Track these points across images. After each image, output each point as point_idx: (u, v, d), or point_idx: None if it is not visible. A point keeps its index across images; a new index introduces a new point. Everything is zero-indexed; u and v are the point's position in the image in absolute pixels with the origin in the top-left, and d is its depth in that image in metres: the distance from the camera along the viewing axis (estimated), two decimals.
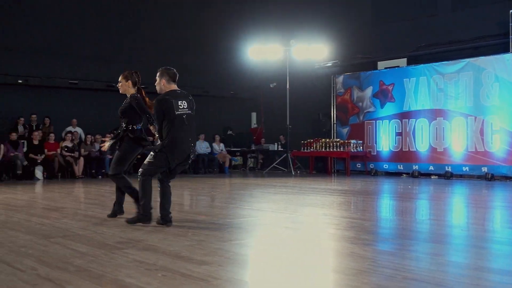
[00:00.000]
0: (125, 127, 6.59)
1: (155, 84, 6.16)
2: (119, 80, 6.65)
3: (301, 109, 18.63)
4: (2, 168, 14.49)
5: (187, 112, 6.05)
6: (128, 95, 6.64)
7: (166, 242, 5.01)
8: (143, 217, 6.08)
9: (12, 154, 14.55)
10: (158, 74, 6.17)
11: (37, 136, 15.27)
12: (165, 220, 6.02)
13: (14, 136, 14.93)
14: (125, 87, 6.64)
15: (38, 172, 14.99)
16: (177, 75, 6.18)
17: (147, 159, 6.10)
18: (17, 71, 16.95)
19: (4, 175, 14.52)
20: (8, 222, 6.44)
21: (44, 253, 4.53)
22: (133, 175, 9.33)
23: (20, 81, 17.09)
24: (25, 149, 15.20)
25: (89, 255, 4.44)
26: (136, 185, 6.33)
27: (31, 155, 14.92)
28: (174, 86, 6.12)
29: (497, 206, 8.89)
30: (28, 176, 14.76)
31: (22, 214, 7.27)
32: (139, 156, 7.03)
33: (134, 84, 6.64)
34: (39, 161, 14.98)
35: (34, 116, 16.33)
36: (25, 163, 14.66)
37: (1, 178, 14.35)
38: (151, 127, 6.62)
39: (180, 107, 5.99)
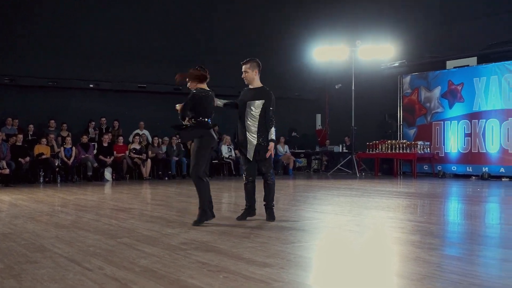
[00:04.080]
0: None
1: (245, 73, 6.44)
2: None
3: (367, 110, 18.38)
4: (73, 170, 15.00)
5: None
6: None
7: (229, 243, 5.05)
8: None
9: (83, 156, 15.07)
10: (248, 65, 6.42)
11: (106, 138, 15.72)
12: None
13: (85, 138, 15.47)
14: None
15: (107, 174, 15.44)
16: None
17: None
18: (89, 76, 17.54)
19: (75, 176, 15.02)
20: (78, 222, 6.65)
21: (111, 253, 4.65)
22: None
23: (91, 86, 17.69)
24: (95, 151, 15.69)
25: (154, 255, 4.53)
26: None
27: (101, 157, 15.38)
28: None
29: None
30: (98, 178, 15.24)
31: (91, 214, 7.50)
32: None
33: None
34: (108, 163, 15.42)
35: (103, 119, 16.84)
36: (95, 165, 15.13)
37: (73, 180, 14.86)
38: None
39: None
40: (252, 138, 6.46)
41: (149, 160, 15.95)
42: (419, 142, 16.34)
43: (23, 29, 16.77)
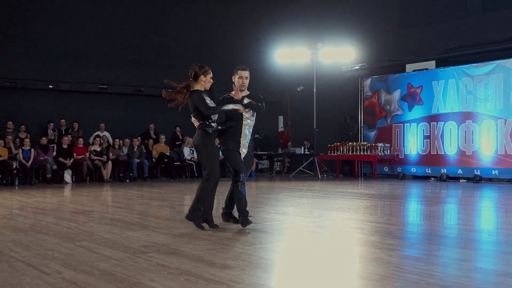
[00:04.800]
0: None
1: (246, 80, 6.41)
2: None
3: (328, 113, 18.55)
4: (32, 172, 14.72)
5: None
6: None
7: (190, 246, 5.03)
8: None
9: (42, 158, 14.80)
10: (248, 72, 6.45)
11: (66, 140, 15.47)
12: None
13: (44, 140, 15.20)
14: None
15: (67, 176, 15.20)
16: None
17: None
18: (48, 77, 17.24)
19: (34, 179, 14.74)
20: (36, 226, 6.53)
21: (69, 256, 4.59)
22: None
23: (50, 86, 17.38)
24: (54, 153, 15.43)
25: (114, 258, 4.48)
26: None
27: (61, 159, 15.13)
28: None
29: None
30: (57, 180, 14.99)
31: (50, 217, 7.37)
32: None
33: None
34: (68, 165, 15.18)
35: (63, 120, 16.59)
36: (55, 167, 14.88)
37: (32, 182, 14.58)
38: None
39: None
40: (244, 147, 6.34)
41: (110, 162, 15.77)
42: (380, 144, 16.56)
43: None
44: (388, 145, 16.75)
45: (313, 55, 18.16)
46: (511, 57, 14.40)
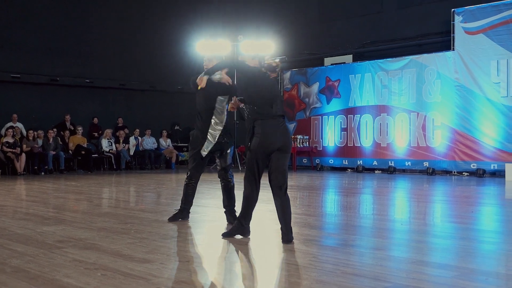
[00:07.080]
0: None
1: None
2: None
3: None
4: None
5: None
6: None
7: (107, 240, 4.94)
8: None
9: None
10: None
11: None
12: None
13: None
14: None
15: None
16: None
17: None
18: None
19: None
20: None
21: None
22: None
23: None
24: None
25: (27, 255, 4.33)
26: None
27: None
28: None
29: (437, 201, 9.14)
30: None
31: None
32: None
33: None
34: None
35: None
36: None
37: None
38: None
39: None
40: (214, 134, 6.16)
41: (23, 155, 15.18)
42: (299, 136, 16.84)
43: None
44: (307, 137, 17.05)
45: (233, 47, 18.18)
46: (424, 52, 15.00)
